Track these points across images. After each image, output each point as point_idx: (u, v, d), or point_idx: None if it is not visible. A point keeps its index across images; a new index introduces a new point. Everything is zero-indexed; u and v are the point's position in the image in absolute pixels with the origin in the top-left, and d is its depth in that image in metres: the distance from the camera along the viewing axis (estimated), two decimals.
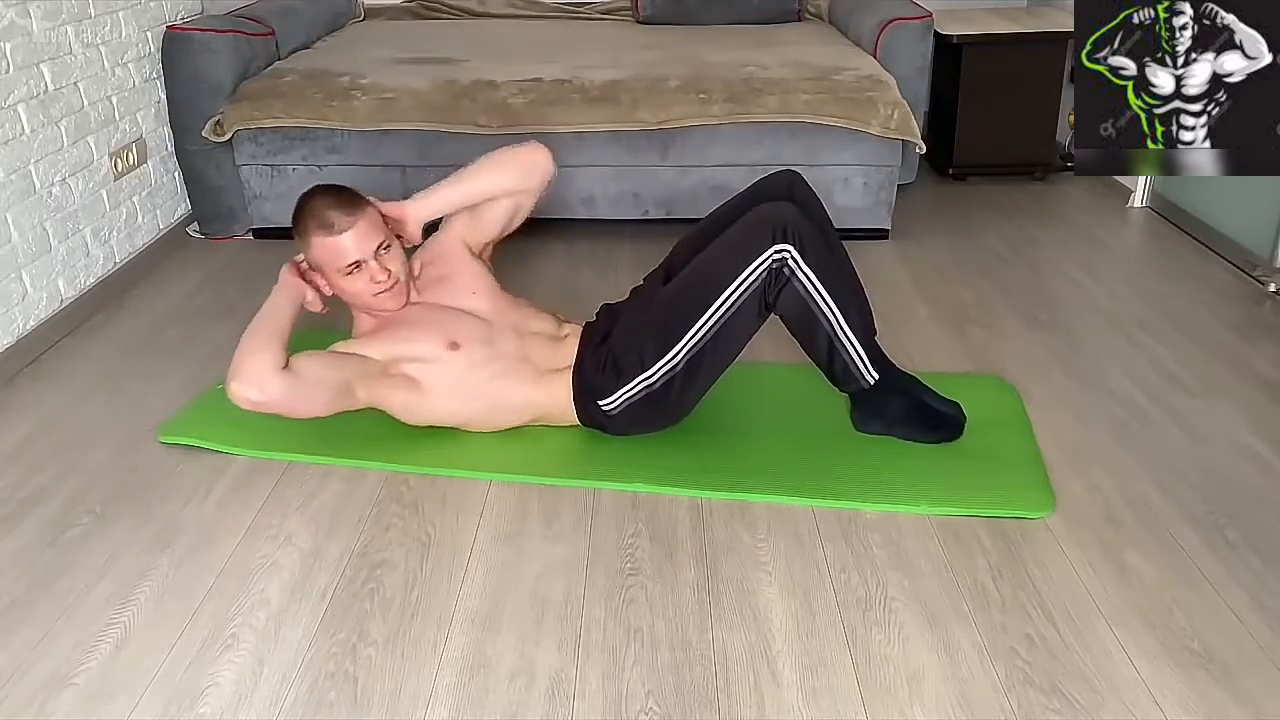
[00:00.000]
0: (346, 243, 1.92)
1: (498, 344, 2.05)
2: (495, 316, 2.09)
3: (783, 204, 1.97)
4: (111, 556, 1.80)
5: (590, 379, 2.03)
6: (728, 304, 1.91)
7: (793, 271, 1.89)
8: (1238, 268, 2.95)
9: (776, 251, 1.88)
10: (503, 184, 2.10)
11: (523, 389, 2.05)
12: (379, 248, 1.95)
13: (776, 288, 1.91)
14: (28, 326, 2.55)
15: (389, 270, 1.96)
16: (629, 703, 1.47)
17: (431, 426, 2.09)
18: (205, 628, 1.63)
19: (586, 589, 1.70)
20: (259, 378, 1.81)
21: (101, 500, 1.96)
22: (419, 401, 2.02)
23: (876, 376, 2.00)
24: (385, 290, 1.98)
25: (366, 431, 2.15)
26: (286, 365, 1.84)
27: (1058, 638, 1.58)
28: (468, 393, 2.02)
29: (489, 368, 2.03)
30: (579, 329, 2.15)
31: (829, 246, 1.99)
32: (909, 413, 2.05)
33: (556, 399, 2.06)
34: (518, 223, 2.18)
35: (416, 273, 2.12)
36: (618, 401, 2.02)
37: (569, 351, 2.09)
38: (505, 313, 2.11)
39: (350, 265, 1.94)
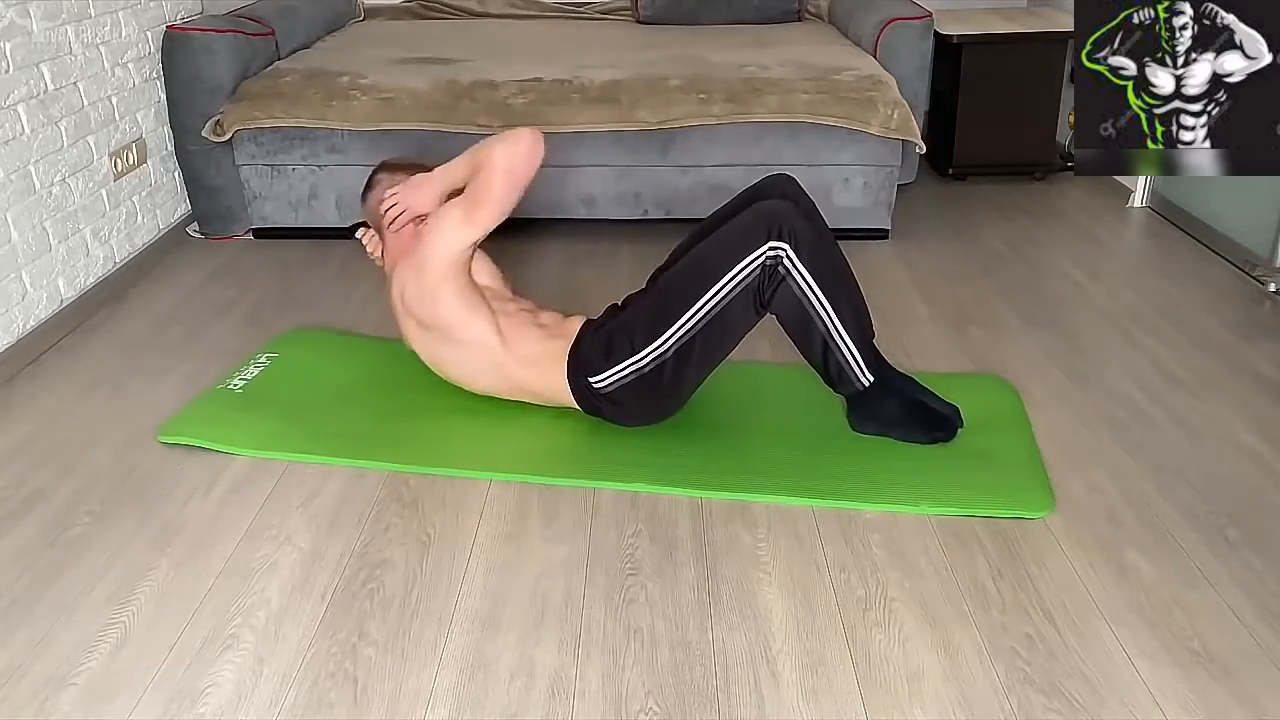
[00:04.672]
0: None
1: (513, 303, 2.21)
2: (505, 299, 2.20)
3: (781, 202, 1.98)
4: (111, 556, 1.80)
5: (585, 354, 2.05)
6: (719, 297, 1.92)
7: (787, 270, 1.90)
8: (1238, 268, 2.95)
9: (771, 249, 1.90)
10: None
11: (530, 336, 2.09)
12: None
13: (771, 286, 1.92)
14: (28, 326, 2.55)
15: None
16: (629, 703, 1.47)
17: (432, 367, 2.18)
18: (205, 628, 1.63)
19: (586, 589, 1.70)
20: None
21: (101, 500, 1.96)
22: (465, 296, 2.06)
23: (871, 379, 2.01)
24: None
25: (367, 431, 2.15)
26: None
27: (1058, 638, 1.58)
28: (497, 315, 2.09)
29: (509, 306, 2.15)
30: (584, 316, 2.18)
31: (825, 248, 2.00)
32: (905, 413, 2.05)
33: (554, 366, 2.07)
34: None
35: None
36: (608, 381, 2.02)
37: (572, 325, 2.13)
38: (513, 299, 2.22)
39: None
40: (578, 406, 2.10)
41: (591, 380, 2.04)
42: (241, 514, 1.91)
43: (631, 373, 2.00)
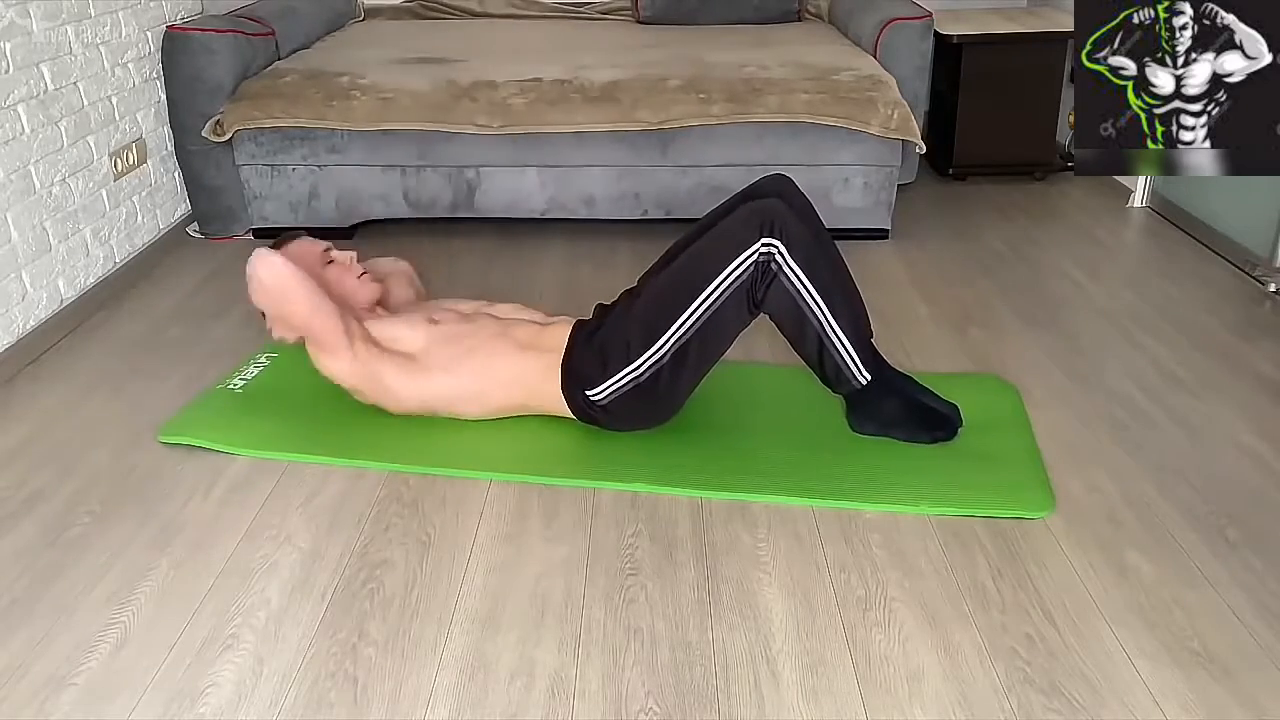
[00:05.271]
0: (309, 240, 2.21)
1: (477, 324, 2.12)
2: (464, 334, 2.12)
3: (771, 200, 1.97)
4: (111, 556, 1.80)
5: (578, 367, 2.04)
6: (714, 297, 1.92)
7: (780, 267, 1.91)
8: (1238, 268, 2.95)
9: (763, 245, 1.90)
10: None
11: (507, 360, 2.07)
12: (325, 249, 2.18)
13: (764, 283, 1.92)
14: (28, 326, 2.55)
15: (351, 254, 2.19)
16: (629, 703, 1.47)
17: (426, 416, 2.13)
18: (205, 628, 1.63)
19: (586, 589, 1.70)
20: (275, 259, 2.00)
21: (101, 500, 1.96)
22: (409, 374, 2.06)
23: (868, 377, 2.01)
24: (363, 271, 2.18)
25: (366, 431, 2.15)
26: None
27: (1058, 638, 1.58)
28: (453, 364, 2.06)
29: (468, 341, 2.07)
30: (569, 320, 2.15)
31: (819, 246, 1.99)
32: (904, 413, 2.05)
33: (545, 381, 2.06)
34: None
35: None
36: (605, 393, 2.02)
37: (556, 335, 2.10)
38: (476, 327, 2.13)
39: (323, 250, 2.17)
40: (572, 416, 2.10)
41: (588, 393, 2.03)
42: (241, 514, 1.91)
43: (629, 382, 1.99)
